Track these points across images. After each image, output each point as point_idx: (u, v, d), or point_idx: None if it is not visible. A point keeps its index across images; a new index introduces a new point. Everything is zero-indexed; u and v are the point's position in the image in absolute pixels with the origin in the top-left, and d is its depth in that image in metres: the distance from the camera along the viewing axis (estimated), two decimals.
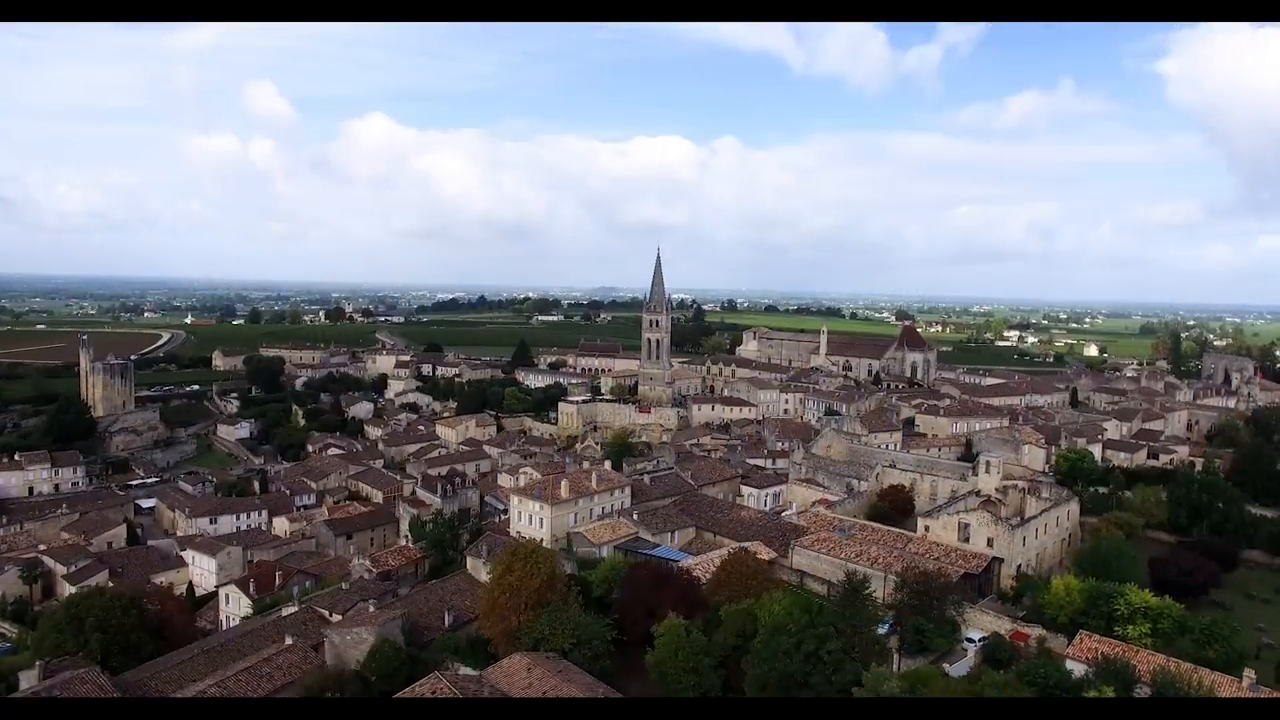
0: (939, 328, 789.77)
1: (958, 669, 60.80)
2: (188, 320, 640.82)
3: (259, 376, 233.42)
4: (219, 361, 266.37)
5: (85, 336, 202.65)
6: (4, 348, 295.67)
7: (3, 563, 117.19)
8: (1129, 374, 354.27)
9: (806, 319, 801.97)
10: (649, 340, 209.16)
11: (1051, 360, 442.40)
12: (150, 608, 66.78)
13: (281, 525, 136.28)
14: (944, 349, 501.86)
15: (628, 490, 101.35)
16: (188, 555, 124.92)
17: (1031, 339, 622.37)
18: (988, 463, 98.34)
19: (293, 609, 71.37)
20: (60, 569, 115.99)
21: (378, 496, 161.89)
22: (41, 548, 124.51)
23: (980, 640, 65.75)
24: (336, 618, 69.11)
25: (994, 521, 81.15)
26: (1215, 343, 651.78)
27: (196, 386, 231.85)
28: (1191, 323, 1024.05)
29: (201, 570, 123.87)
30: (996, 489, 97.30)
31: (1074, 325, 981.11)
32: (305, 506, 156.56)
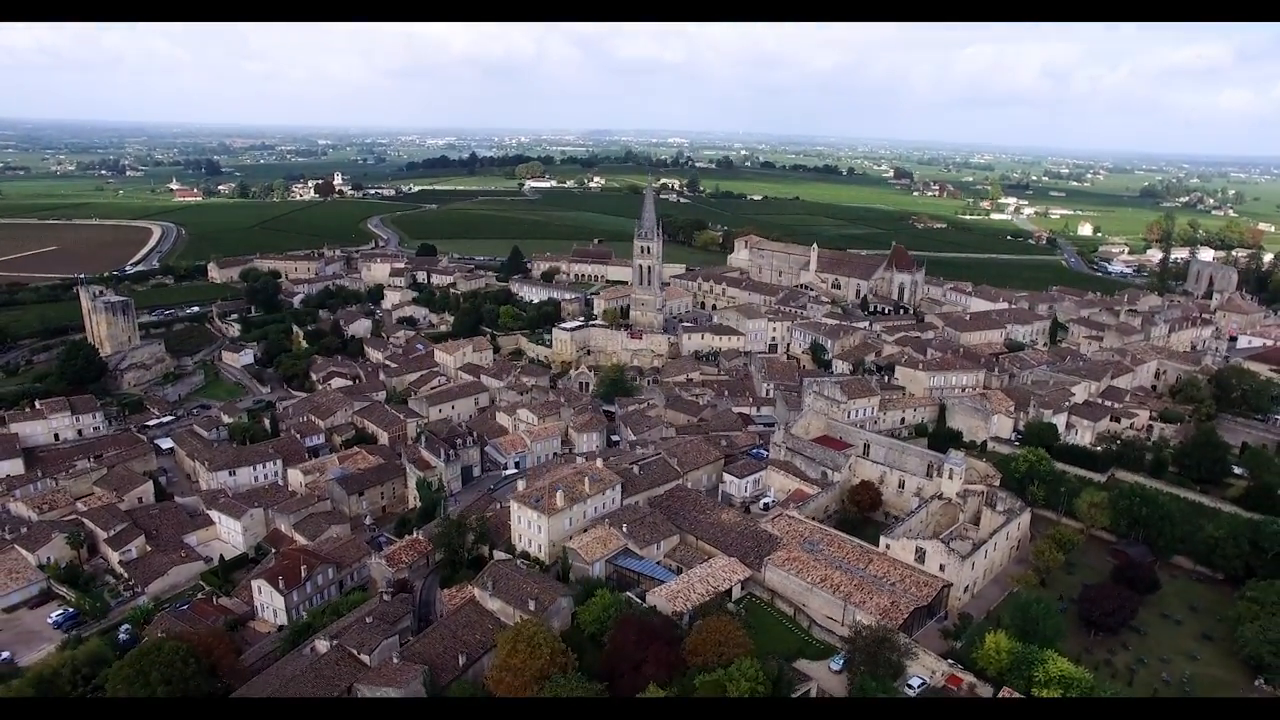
0: (936, 190, 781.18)
1: None
2: (173, 185, 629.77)
3: (257, 296, 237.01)
4: (215, 274, 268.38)
5: (82, 276, 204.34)
6: None
7: (50, 527, 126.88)
8: (1116, 268, 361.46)
9: (804, 184, 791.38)
10: (640, 266, 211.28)
11: (1045, 243, 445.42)
12: (204, 659, 76.63)
13: (296, 478, 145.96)
14: (938, 226, 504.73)
15: (619, 488, 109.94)
16: (214, 514, 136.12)
17: (1028, 210, 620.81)
18: (951, 470, 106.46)
19: (325, 645, 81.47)
20: (101, 532, 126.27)
21: (383, 437, 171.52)
22: (81, 507, 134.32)
23: (920, 686, 76.50)
24: (365, 656, 79.24)
25: (946, 551, 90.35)
26: (1214, 213, 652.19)
27: (196, 308, 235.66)
28: (1195, 181, 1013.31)
29: (228, 529, 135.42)
30: (958, 494, 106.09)
31: (1074, 184, 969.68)
32: (315, 449, 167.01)
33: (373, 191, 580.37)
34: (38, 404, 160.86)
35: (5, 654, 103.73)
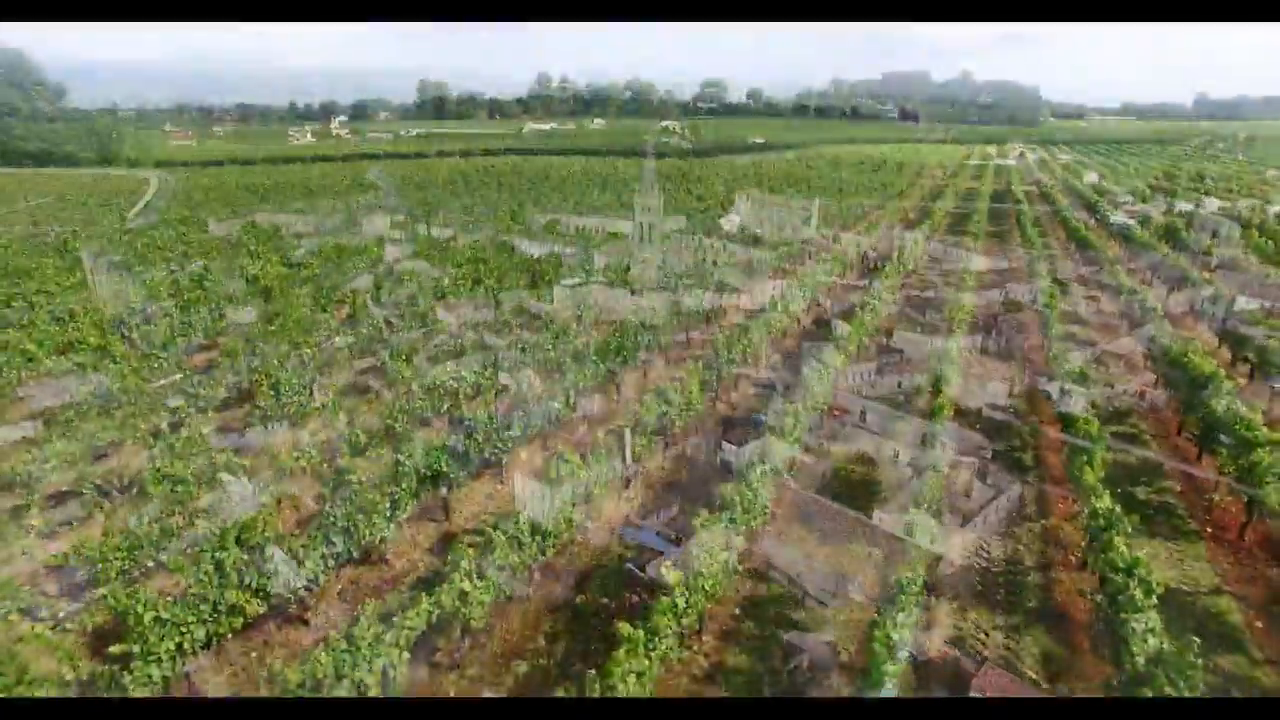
0: (942, 134, 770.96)
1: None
2: (167, 127, 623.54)
3: (258, 252, 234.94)
4: (215, 228, 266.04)
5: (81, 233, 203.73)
6: None
7: (71, 489, 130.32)
8: (1119, 219, 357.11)
9: (805, 128, 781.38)
10: (641, 223, 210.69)
11: (1048, 192, 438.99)
12: None
13: (303, 439, 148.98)
14: (941, 172, 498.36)
15: (620, 456, 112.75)
16: (225, 476, 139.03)
17: (1032, 155, 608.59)
18: (943, 441, 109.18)
19: None
20: (118, 494, 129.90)
21: (388, 397, 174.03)
22: (98, 469, 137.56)
23: (908, 659, 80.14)
24: None
25: (936, 525, 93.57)
26: (1224, 157, 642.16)
27: (198, 264, 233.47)
28: (1205, 123, 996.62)
29: (239, 492, 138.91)
30: (950, 465, 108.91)
31: (1082, 124, 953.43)
32: (321, 409, 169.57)
33: (371, 135, 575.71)
34: (48, 363, 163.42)
35: (42, 612, 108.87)
